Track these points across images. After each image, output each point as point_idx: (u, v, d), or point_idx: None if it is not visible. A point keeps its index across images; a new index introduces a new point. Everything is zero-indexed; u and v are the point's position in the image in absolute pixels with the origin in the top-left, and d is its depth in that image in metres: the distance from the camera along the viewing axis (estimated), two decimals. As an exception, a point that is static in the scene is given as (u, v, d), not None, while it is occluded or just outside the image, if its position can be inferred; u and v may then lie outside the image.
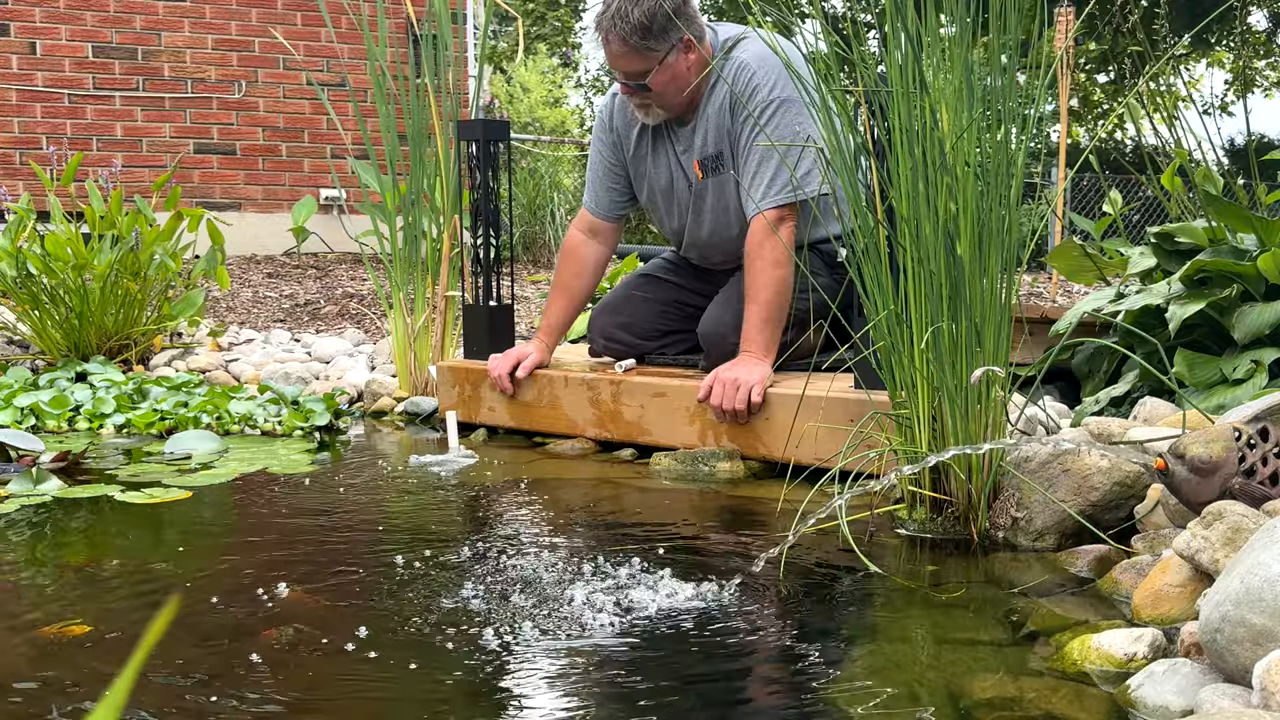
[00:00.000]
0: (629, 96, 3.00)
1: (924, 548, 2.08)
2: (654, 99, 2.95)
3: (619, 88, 3.05)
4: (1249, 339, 2.46)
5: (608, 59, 2.96)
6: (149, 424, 3.23)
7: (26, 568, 2.02)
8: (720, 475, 2.68)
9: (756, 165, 2.88)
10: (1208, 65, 18.10)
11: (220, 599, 1.80)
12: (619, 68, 2.93)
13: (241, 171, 7.61)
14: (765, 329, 2.81)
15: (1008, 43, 2.12)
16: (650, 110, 3.00)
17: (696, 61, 2.92)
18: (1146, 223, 9.23)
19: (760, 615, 1.72)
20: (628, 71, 2.91)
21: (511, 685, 1.46)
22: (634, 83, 2.92)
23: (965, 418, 2.09)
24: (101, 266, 3.87)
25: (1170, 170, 3.21)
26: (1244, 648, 1.25)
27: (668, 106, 2.97)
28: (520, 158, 8.47)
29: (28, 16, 7.07)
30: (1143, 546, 1.86)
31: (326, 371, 3.92)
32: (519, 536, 2.19)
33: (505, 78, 11.69)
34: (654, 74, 2.89)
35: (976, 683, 1.43)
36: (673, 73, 2.90)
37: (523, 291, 5.79)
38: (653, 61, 2.87)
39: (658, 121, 3.04)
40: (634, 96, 2.97)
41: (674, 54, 2.88)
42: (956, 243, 2.07)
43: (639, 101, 2.98)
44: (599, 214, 3.22)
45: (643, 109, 3.01)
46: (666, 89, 2.91)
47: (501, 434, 3.24)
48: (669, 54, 2.87)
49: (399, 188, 3.71)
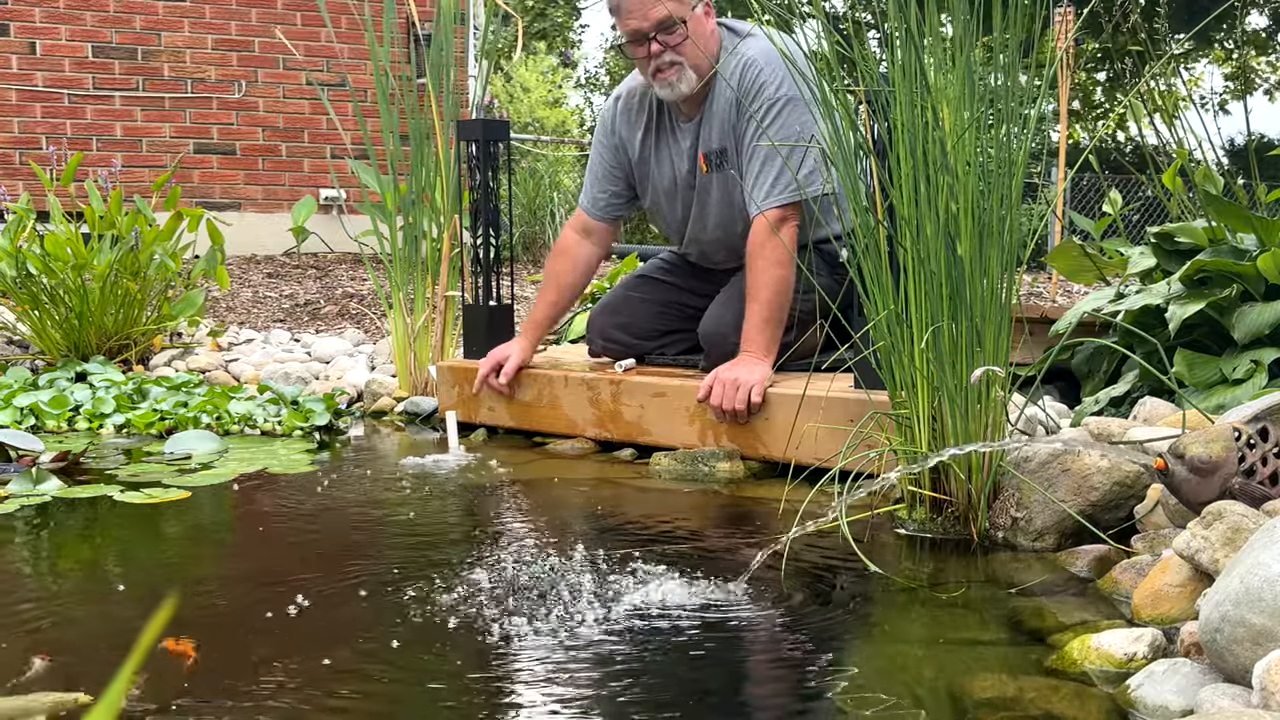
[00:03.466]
0: (655, 58, 2.88)
1: (924, 548, 2.08)
2: (686, 54, 2.87)
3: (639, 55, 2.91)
4: (1249, 339, 2.45)
5: (634, 18, 2.85)
6: (149, 424, 3.23)
7: (26, 568, 2.02)
8: (720, 475, 2.68)
9: (760, 164, 2.87)
10: (1207, 63, 18.10)
11: (218, 599, 1.80)
12: (651, 18, 2.83)
13: (241, 171, 7.61)
14: (766, 329, 2.81)
15: (1009, 42, 2.12)
16: (681, 73, 2.88)
17: (714, 36, 2.92)
18: (1146, 223, 9.23)
19: (760, 615, 1.72)
20: (661, 20, 2.83)
21: (511, 686, 1.46)
22: (665, 34, 2.84)
23: (965, 418, 2.09)
24: (101, 266, 3.87)
25: (1171, 170, 3.21)
26: (1244, 647, 1.25)
27: (696, 67, 2.89)
28: (520, 158, 8.47)
29: (28, 16, 7.07)
30: (1143, 546, 1.86)
31: (326, 371, 3.92)
32: (518, 536, 2.19)
33: (504, 77, 11.68)
34: (690, 22, 2.84)
35: (976, 683, 1.43)
36: (701, 27, 2.88)
37: (523, 291, 5.79)
38: (685, 6, 2.85)
39: (679, 97, 2.94)
40: (664, 54, 2.87)
41: (700, 7, 2.88)
42: (957, 242, 2.07)
43: (670, 59, 2.87)
44: (595, 215, 3.22)
45: (673, 69, 2.88)
46: (698, 41, 2.86)
47: (501, 434, 3.24)
48: (697, 4, 2.87)
49: (399, 188, 3.71)
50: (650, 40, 2.86)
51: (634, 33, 2.88)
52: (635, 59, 2.97)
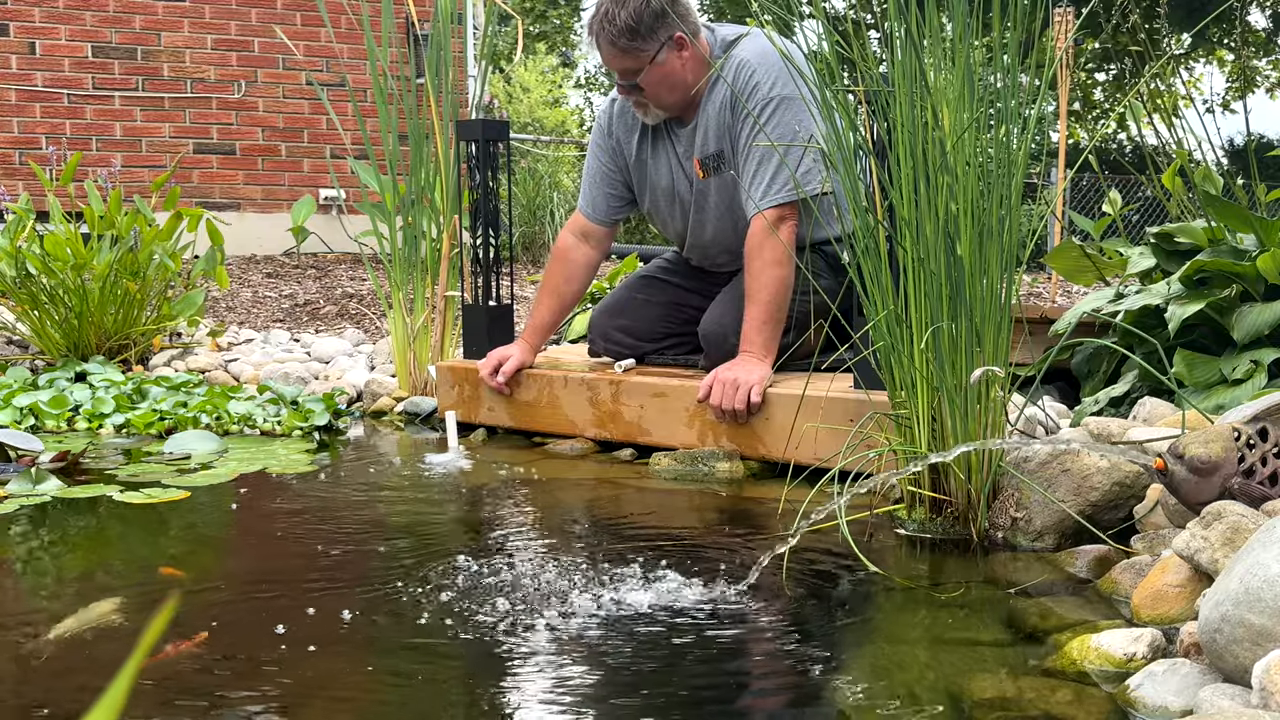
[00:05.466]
0: (626, 96, 3.02)
1: (924, 548, 2.08)
2: (650, 98, 2.96)
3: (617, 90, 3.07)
4: (1248, 339, 2.45)
5: (601, 57, 2.99)
6: (148, 424, 3.23)
7: (25, 568, 2.02)
8: (720, 475, 2.68)
9: (756, 165, 2.88)
10: (1206, 63, 18.10)
11: (218, 598, 1.80)
12: (612, 68, 2.97)
13: (241, 171, 7.61)
14: (765, 329, 2.81)
15: (1009, 42, 2.12)
16: (649, 110, 3.01)
17: (692, 59, 2.92)
18: (1146, 223, 9.23)
19: (760, 615, 1.72)
20: (621, 71, 2.94)
21: (510, 686, 1.46)
22: (627, 82, 2.95)
23: (965, 418, 2.09)
24: (101, 266, 3.87)
25: (1170, 170, 3.21)
26: (1243, 648, 1.25)
27: (665, 106, 2.98)
28: (520, 158, 8.47)
29: (27, 16, 7.07)
30: (1142, 546, 1.86)
31: (326, 371, 3.92)
32: (518, 537, 2.19)
33: (504, 77, 11.69)
34: (645, 73, 2.90)
35: (976, 683, 1.43)
36: (664, 71, 2.90)
37: (522, 291, 5.79)
38: (643, 60, 2.89)
39: (658, 121, 3.05)
40: (630, 95, 2.99)
41: (664, 52, 2.88)
42: (957, 243, 2.07)
43: (636, 100, 3.00)
44: (593, 218, 3.22)
45: (641, 108, 3.02)
46: (659, 87, 2.92)
47: (501, 434, 3.24)
48: (659, 52, 2.88)
49: (398, 188, 3.71)
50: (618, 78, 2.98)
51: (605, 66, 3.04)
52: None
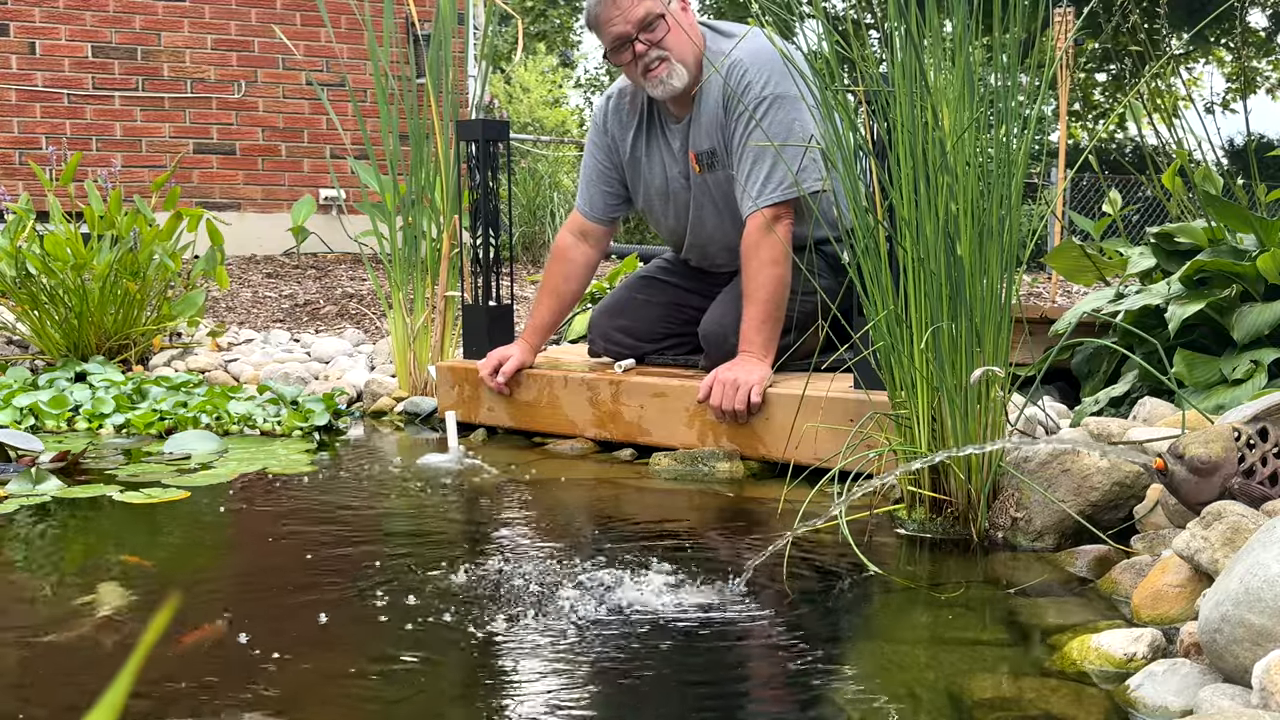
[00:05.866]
0: (644, 58, 2.89)
1: (924, 548, 2.08)
2: (671, 48, 2.88)
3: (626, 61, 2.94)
4: (1248, 339, 2.45)
5: (616, 24, 2.88)
6: (148, 424, 3.23)
7: (24, 568, 2.02)
8: (720, 475, 2.68)
9: (751, 163, 2.87)
10: (1206, 63, 18.10)
11: (217, 599, 1.80)
12: (633, 19, 2.86)
13: (241, 171, 7.61)
14: (764, 329, 2.80)
15: (1009, 42, 2.12)
16: (671, 68, 2.89)
17: (695, 28, 2.94)
18: (1146, 223, 9.23)
19: (760, 615, 1.72)
20: (642, 19, 2.85)
21: (510, 686, 1.46)
22: (649, 31, 2.86)
23: (965, 418, 2.09)
24: (101, 266, 3.87)
25: (1170, 170, 3.21)
26: (1243, 648, 1.25)
27: (684, 60, 2.90)
28: (520, 158, 8.47)
29: (27, 16, 7.07)
30: (1142, 546, 1.86)
31: (326, 372, 3.92)
32: (518, 537, 2.20)
33: (504, 77, 11.69)
34: (665, 18, 2.86)
35: (976, 683, 1.43)
36: (679, 21, 2.88)
37: (522, 291, 5.79)
38: (661, 2, 2.86)
39: (669, 93, 2.93)
40: (650, 52, 2.88)
41: (675, 2, 2.90)
42: (957, 243, 2.07)
43: (657, 55, 2.88)
44: (591, 217, 3.21)
45: (662, 66, 2.89)
46: (679, 38, 2.88)
47: (501, 434, 3.24)
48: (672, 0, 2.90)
49: (399, 188, 3.71)
50: (634, 42, 2.88)
51: (617, 38, 2.89)
52: (623, 66, 2.97)
